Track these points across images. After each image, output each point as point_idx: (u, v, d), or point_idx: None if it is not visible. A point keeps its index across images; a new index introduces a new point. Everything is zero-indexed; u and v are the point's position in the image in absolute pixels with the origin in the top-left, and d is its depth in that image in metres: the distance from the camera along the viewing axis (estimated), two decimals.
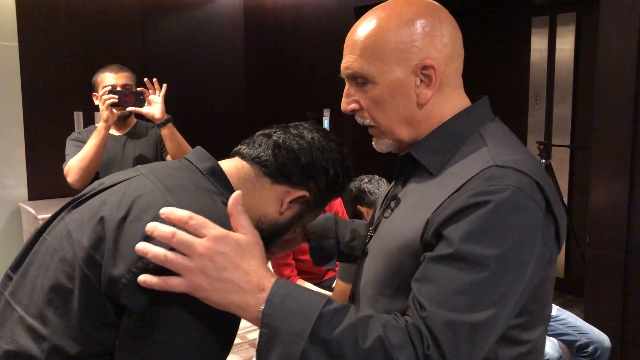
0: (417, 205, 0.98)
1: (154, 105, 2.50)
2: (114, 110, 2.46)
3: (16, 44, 4.42)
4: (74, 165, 2.46)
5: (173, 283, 0.81)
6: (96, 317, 0.87)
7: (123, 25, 4.93)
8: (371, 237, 1.11)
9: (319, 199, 1.11)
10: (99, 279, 0.86)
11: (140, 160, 2.65)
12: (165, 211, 0.82)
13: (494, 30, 4.91)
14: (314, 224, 1.34)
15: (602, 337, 2.65)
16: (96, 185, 1.02)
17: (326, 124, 4.70)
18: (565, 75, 4.49)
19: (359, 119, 1.06)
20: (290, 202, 1.07)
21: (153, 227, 0.81)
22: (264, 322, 0.82)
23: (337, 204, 3.01)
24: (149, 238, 0.83)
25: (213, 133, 5.05)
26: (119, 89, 2.53)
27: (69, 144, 2.61)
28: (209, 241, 0.82)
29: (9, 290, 0.97)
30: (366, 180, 2.70)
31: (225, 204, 0.90)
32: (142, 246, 0.81)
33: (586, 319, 2.89)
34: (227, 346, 0.90)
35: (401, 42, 0.97)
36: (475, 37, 4.87)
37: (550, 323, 2.71)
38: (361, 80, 1.01)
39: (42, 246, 0.97)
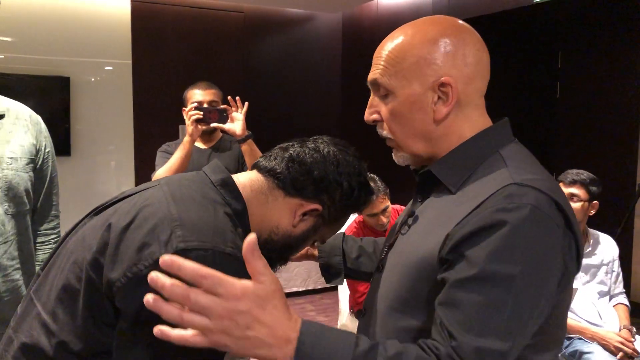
0: (435, 222, 0.98)
1: (236, 122, 2.61)
2: (198, 125, 2.60)
3: (130, 61, 4.80)
4: (160, 176, 2.62)
5: (194, 340, 0.77)
6: (98, 316, 0.93)
7: (225, 43, 5.20)
8: (387, 252, 1.11)
9: (334, 213, 1.12)
10: (101, 281, 0.92)
11: None
12: (172, 260, 0.75)
13: (602, 45, 4.62)
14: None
15: None
16: (119, 194, 1.09)
17: None
18: None
19: (379, 130, 1.09)
20: (303, 214, 1.09)
21: (170, 286, 0.74)
22: None
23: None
24: (145, 245, 0.88)
25: None
26: (205, 105, 2.67)
27: (159, 155, 2.80)
28: (228, 302, 0.76)
29: (34, 287, 1.06)
30: None
31: (229, 215, 0.93)
32: (154, 303, 0.75)
33: None
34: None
35: (421, 57, 1.00)
36: (581, 55, 4.65)
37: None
38: (383, 92, 1.06)
39: (64, 249, 1.05)
